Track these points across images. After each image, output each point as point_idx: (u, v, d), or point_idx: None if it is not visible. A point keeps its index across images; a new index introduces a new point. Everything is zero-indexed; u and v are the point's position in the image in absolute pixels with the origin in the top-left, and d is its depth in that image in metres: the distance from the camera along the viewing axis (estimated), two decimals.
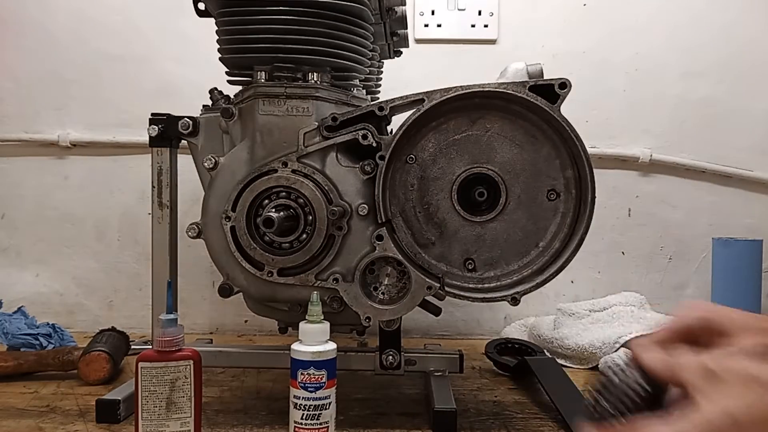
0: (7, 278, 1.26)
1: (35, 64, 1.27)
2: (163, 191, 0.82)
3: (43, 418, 0.77)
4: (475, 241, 0.72)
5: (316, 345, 0.65)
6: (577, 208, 0.70)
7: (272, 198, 0.72)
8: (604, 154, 1.23)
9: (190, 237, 0.75)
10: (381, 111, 0.72)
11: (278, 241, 0.71)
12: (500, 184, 0.71)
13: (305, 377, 0.64)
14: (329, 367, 0.65)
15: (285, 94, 0.73)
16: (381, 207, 0.70)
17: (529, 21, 1.26)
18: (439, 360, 0.87)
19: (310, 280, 0.72)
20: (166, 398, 0.61)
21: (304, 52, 0.73)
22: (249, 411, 0.79)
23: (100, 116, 1.27)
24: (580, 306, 1.12)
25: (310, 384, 0.64)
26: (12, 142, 1.27)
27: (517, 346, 1.03)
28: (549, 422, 0.78)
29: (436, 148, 0.72)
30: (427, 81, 0.79)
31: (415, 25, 1.26)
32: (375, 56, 0.91)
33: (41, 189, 1.27)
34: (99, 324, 1.14)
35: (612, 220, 1.25)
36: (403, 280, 0.71)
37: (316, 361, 0.64)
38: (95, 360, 0.89)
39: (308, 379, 0.64)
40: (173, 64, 1.26)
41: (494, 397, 0.87)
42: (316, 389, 0.64)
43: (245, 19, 0.73)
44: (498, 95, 0.69)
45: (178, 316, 0.62)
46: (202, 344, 0.95)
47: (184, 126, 0.79)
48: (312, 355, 0.64)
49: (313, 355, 0.64)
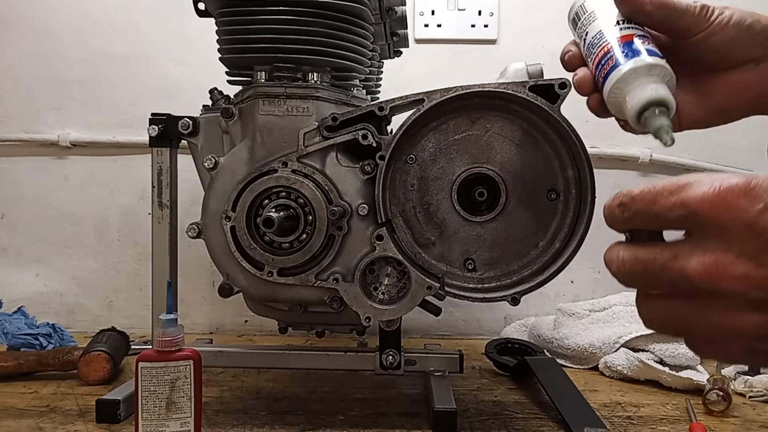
0: (7, 278, 1.26)
1: (36, 64, 1.27)
2: (163, 191, 0.82)
3: (43, 418, 0.77)
4: (475, 241, 0.72)
5: None
6: (577, 208, 0.70)
7: (272, 198, 0.72)
8: (604, 154, 1.23)
9: (190, 237, 0.75)
10: (381, 111, 0.71)
11: (278, 241, 0.71)
12: (500, 184, 0.71)
13: None
14: None
15: (285, 94, 0.73)
16: (381, 207, 0.70)
17: (529, 21, 1.26)
18: (439, 360, 0.87)
19: (310, 280, 0.72)
20: (166, 398, 0.61)
21: (304, 52, 0.73)
22: (249, 411, 0.79)
23: (100, 116, 1.27)
24: (580, 306, 1.12)
25: None
26: (12, 142, 1.27)
27: (517, 346, 1.03)
28: (549, 422, 0.78)
29: (436, 148, 0.72)
30: (427, 81, 0.79)
31: (415, 25, 1.26)
32: (375, 56, 0.91)
33: (41, 189, 1.27)
34: (99, 324, 1.14)
35: None
36: (403, 280, 0.71)
37: None
38: (95, 360, 0.89)
39: None
40: (173, 64, 1.26)
41: (494, 397, 0.87)
42: None
43: (245, 19, 0.73)
44: (498, 95, 0.69)
45: (178, 316, 0.62)
46: (202, 344, 0.95)
47: (184, 126, 0.79)
48: None
49: None
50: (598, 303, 1.13)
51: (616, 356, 0.97)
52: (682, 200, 0.34)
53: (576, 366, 1.02)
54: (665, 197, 0.35)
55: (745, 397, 0.87)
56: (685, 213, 0.34)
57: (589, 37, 0.57)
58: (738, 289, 0.33)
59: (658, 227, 0.37)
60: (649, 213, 0.36)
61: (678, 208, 0.34)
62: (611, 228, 0.40)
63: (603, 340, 0.99)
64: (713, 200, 0.33)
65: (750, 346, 0.35)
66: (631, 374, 0.94)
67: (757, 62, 0.55)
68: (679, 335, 0.38)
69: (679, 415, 0.81)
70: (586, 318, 1.08)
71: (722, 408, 0.80)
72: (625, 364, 0.95)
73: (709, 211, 0.33)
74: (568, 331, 1.05)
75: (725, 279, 0.33)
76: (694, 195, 0.34)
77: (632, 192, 0.37)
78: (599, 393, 0.89)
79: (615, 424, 0.77)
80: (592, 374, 0.99)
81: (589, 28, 0.57)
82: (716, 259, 0.33)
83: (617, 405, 0.84)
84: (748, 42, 0.54)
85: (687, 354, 0.95)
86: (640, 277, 0.37)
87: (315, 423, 0.75)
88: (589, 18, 0.57)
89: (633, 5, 0.54)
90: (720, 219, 0.33)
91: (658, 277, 0.36)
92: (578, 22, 0.59)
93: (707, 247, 0.34)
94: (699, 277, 0.34)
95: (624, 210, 0.37)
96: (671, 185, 0.35)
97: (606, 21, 0.56)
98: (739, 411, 0.82)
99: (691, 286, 0.34)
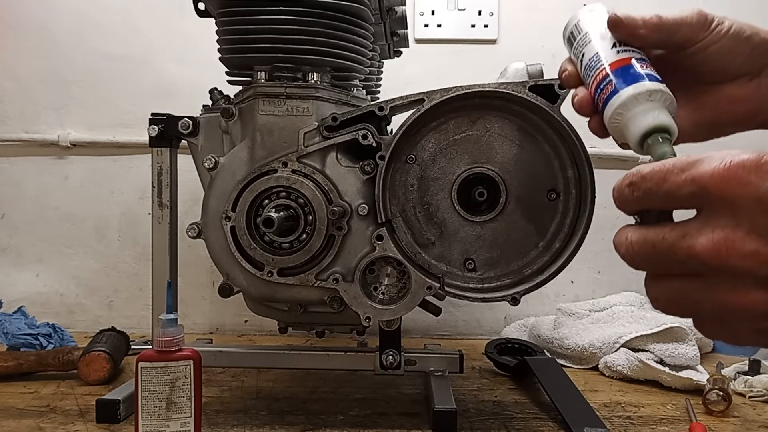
0: (7, 278, 1.26)
1: (35, 64, 1.27)
2: (163, 191, 0.82)
3: (43, 418, 0.77)
4: (475, 241, 0.72)
5: None
6: (577, 208, 0.70)
7: (272, 198, 0.72)
8: (604, 154, 1.23)
9: (190, 237, 0.75)
10: (381, 111, 0.72)
11: (278, 241, 0.71)
12: (500, 184, 0.71)
13: None
14: None
15: (285, 94, 0.73)
16: (381, 207, 0.70)
17: (529, 21, 1.26)
18: (439, 360, 0.87)
19: (310, 280, 0.72)
20: (166, 398, 0.61)
21: (304, 52, 0.73)
22: (249, 411, 0.79)
23: (100, 116, 1.27)
24: (580, 306, 1.12)
25: None
26: (12, 142, 1.27)
27: (517, 346, 1.03)
28: (549, 422, 0.78)
29: (436, 148, 0.72)
30: (427, 81, 0.79)
31: (415, 25, 1.26)
32: (375, 56, 0.91)
33: (41, 189, 1.27)
34: (99, 324, 1.14)
35: (612, 220, 1.24)
36: (403, 280, 0.71)
37: None
38: (95, 360, 0.89)
39: None
40: (173, 64, 1.26)
41: (494, 397, 0.87)
42: None
43: (245, 19, 0.73)
44: (498, 95, 0.69)
45: (178, 316, 0.62)
46: (202, 344, 0.95)
47: (184, 126, 0.79)
48: None
49: None
50: (598, 303, 1.13)
51: (616, 356, 0.97)
52: (692, 176, 0.34)
53: (576, 366, 1.02)
54: (676, 174, 0.35)
55: (745, 397, 0.87)
56: (695, 189, 0.34)
57: (586, 59, 0.56)
58: (747, 266, 0.32)
59: (669, 206, 0.37)
60: (659, 192, 0.36)
61: (688, 184, 0.34)
62: (621, 210, 0.39)
63: (603, 340, 0.99)
64: (723, 175, 0.33)
65: (757, 325, 0.34)
66: (631, 374, 0.94)
67: (750, 77, 0.54)
68: (687, 315, 0.37)
69: (679, 415, 0.81)
70: (586, 318, 1.08)
71: (722, 408, 0.80)
72: (625, 364, 0.95)
73: (720, 187, 0.33)
74: (568, 331, 1.05)
75: (734, 255, 0.32)
76: (704, 170, 0.33)
77: (642, 170, 0.37)
78: (599, 393, 0.89)
79: (615, 424, 0.77)
80: (592, 374, 0.99)
81: (585, 49, 0.56)
82: (726, 236, 0.33)
83: (617, 405, 0.84)
84: (746, 54, 0.53)
85: (687, 354, 0.95)
86: (649, 258, 0.37)
87: (315, 423, 0.75)
88: (584, 39, 0.56)
89: (626, 31, 0.53)
90: (730, 195, 0.32)
91: (667, 257, 0.36)
92: (573, 42, 0.58)
93: (717, 224, 0.33)
94: (707, 254, 0.33)
95: (634, 189, 0.37)
96: (682, 162, 0.35)
97: (602, 43, 0.55)
98: (739, 411, 0.82)
99: (700, 265, 0.34)
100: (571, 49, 0.59)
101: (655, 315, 1.07)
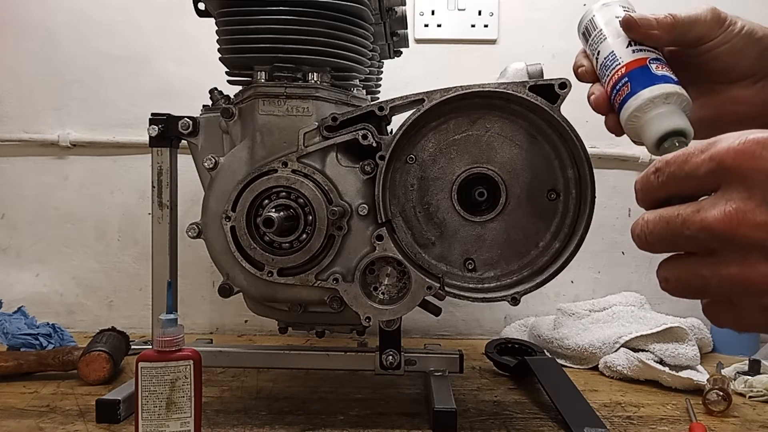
0: (7, 278, 1.26)
1: (35, 64, 1.27)
2: (163, 191, 0.82)
3: (43, 418, 0.77)
4: (475, 241, 0.72)
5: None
6: (577, 208, 0.70)
7: (272, 198, 0.72)
8: (604, 154, 1.23)
9: (190, 237, 0.75)
10: (381, 111, 0.72)
11: (278, 241, 0.71)
12: (500, 184, 0.71)
13: None
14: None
15: (285, 94, 0.73)
16: (381, 207, 0.70)
17: (529, 21, 1.26)
18: (439, 360, 0.87)
19: (310, 280, 0.72)
20: (166, 398, 0.61)
21: (304, 52, 0.73)
22: (249, 411, 0.79)
23: (100, 116, 1.27)
24: (580, 306, 1.12)
25: None
26: (12, 142, 1.27)
27: (517, 346, 1.03)
28: (549, 422, 0.78)
29: (436, 148, 0.72)
30: (427, 81, 0.79)
31: (415, 25, 1.26)
32: (375, 56, 0.91)
33: (41, 189, 1.27)
34: (99, 324, 1.14)
35: (612, 220, 1.25)
36: (403, 280, 0.71)
37: None
38: (95, 360, 0.89)
39: None
40: (173, 64, 1.26)
41: (494, 397, 0.87)
42: None
43: (245, 19, 0.73)
44: (498, 95, 0.69)
45: (178, 316, 0.62)
46: (202, 344, 0.95)
47: (184, 126, 0.79)
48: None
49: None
50: (598, 303, 1.13)
51: (616, 356, 0.97)
52: (711, 155, 0.35)
53: (576, 366, 1.02)
54: (696, 155, 0.36)
55: (745, 397, 0.87)
56: (713, 166, 0.35)
57: (602, 57, 0.56)
58: (757, 237, 0.33)
59: (690, 189, 0.37)
60: (681, 174, 0.37)
61: (707, 162, 0.35)
62: (644, 202, 0.40)
63: (603, 340, 1.00)
64: (738, 149, 0.34)
65: (764, 300, 0.35)
66: (631, 374, 0.94)
67: (755, 79, 0.54)
68: (694, 296, 0.38)
69: (679, 415, 0.81)
70: (586, 318, 1.08)
71: (722, 408, 0.80)
72: (625, 364, 0.95)
73: (734, 161, 0.34)
74: (568, 331, 1.05)
75: (744, 226, 0.33)
76: (721, 147, 0.35)
77: (666, 157, 0.38)
78: (599, 393, 0.89)
79: (615, 424, 0.77)
80: (592, 374, 0.99)
81: (601, 47, 0.56)
82: (737, 207, 0.34)
83: (617, 405, 0.84)
84: (754, 56, 0.53)
85: (687, 354, 0.95)
86: (662, 235, 0.38)
87: (315, 423, 0.75)
88: (599, 36, 0.56)
89: (641, 33, 0.54)
90: (743, 168, 0.34)
91: (680, 232, 0.37)
92: (589, 37, 0.58)
93: (730, 197, 0.34)
94: (718, 225, 0.34)
95: (659, 175, 0.38)
96: (702, 144, 0.36)
97: (617, 41, 0.55)
98: (739, 411, 0.82)
99: (711, 238, 0.35)
100: (587, 44, 0.59)
101: (655, 315, 1.07)
